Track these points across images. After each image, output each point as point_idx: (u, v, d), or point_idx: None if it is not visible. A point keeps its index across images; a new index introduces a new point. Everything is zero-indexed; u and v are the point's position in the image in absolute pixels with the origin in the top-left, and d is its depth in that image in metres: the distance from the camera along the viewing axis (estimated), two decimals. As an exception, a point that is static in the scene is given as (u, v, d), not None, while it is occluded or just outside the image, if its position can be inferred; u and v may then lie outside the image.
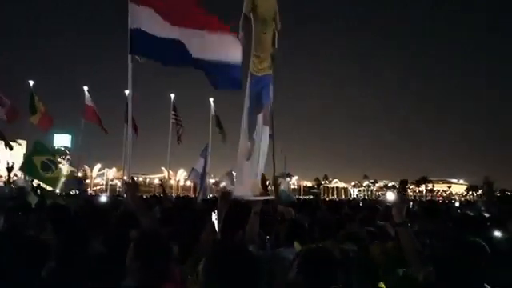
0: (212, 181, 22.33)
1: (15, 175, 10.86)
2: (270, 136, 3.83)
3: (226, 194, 3.18)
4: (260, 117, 3.73)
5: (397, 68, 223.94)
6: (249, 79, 3.74)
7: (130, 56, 4.27)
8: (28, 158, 6.83)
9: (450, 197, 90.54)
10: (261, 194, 3.54)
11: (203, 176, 11.78)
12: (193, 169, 12.39)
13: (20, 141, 16.40)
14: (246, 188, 3.50)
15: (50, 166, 6.99)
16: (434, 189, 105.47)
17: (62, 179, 7.59)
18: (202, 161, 11.98)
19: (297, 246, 3.02)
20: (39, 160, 6.84)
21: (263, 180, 3.81)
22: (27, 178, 7.86)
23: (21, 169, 7.24)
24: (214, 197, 11.29)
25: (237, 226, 2.94)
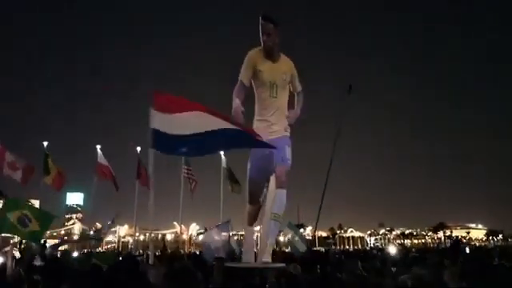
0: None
1: None
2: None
3: (219, 263, 3.21)
4: (272, 180, 3.68)
5: (409, 115, 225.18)
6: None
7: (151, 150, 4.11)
8: (2, 216, 6.80)
9: (469, 243, 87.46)
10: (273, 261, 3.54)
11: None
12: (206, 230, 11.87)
13: (33, 201, 16.53)
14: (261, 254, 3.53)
15: (25, 220, 6.98)
16: (453, 235, 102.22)
17: (44, 230, 7.56)
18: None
19: None
20: (16, 216, 6.84)
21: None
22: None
23: None
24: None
25: None
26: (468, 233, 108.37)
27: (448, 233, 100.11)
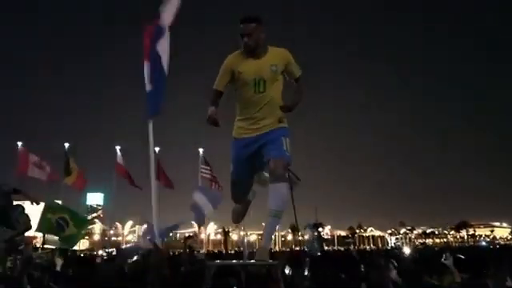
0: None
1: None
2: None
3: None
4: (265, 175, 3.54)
5: (434, 111, 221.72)
6: (232, 146, 3.60)
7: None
8: (43, 217, 6.95)
9: (493, 241, 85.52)
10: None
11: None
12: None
13: (56, 201, 16.87)
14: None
15: (62, 224, 7.09)
16: (476, 234, 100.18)
17: (80, 236, 7.65)
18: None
19: None
20: (54, 219, 6.97)
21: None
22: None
23: (38, 229, 7.32)
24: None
25: None
26: (492, 231, 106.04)
27: (471, 231, 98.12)
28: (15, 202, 6.90)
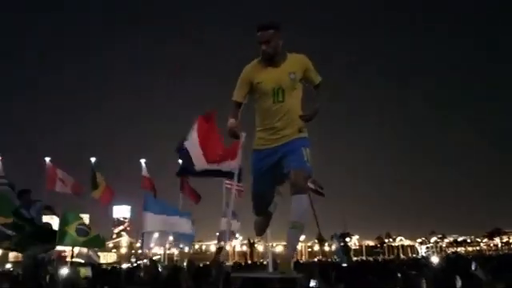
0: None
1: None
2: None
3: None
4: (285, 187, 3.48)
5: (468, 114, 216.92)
6: (252, 157, 3.56)
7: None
8: (61, 230, 7.01)
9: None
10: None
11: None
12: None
13: (82, 215, 17.21)
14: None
15: (84, 229, 7.16)
16: (511, 241, 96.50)
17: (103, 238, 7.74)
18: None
19: None
20: (73, 228, 7.02)
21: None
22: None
23: (59, 244, 7.40)
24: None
25: None
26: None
27: (505, 239, 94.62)
28: (44, 219, 7.06)
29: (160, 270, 8.13)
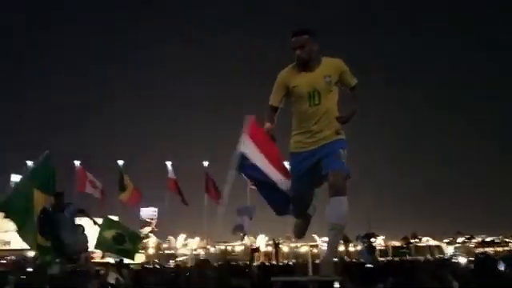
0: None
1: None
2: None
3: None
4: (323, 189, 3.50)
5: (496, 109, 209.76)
6: (290, 160, 3.60)
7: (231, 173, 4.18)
8: (100, 235, 7.31)
9: None
10: None
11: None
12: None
13: (112, 217, 17.76)
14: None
15: (122, 239, 7.38)
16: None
17: (136, 250, 7.91)
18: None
19: None
20: (111, 234, 7.29)
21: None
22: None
23: (96, 247, 7.71)
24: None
25: None
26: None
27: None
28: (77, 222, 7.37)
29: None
